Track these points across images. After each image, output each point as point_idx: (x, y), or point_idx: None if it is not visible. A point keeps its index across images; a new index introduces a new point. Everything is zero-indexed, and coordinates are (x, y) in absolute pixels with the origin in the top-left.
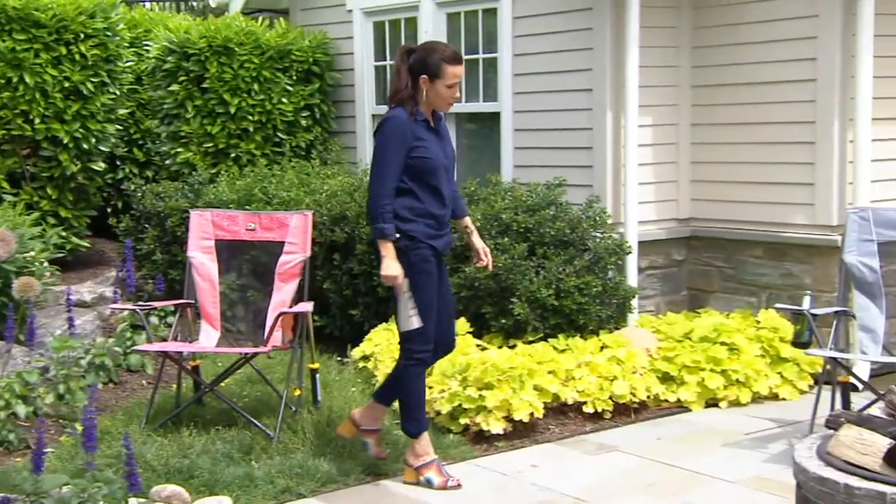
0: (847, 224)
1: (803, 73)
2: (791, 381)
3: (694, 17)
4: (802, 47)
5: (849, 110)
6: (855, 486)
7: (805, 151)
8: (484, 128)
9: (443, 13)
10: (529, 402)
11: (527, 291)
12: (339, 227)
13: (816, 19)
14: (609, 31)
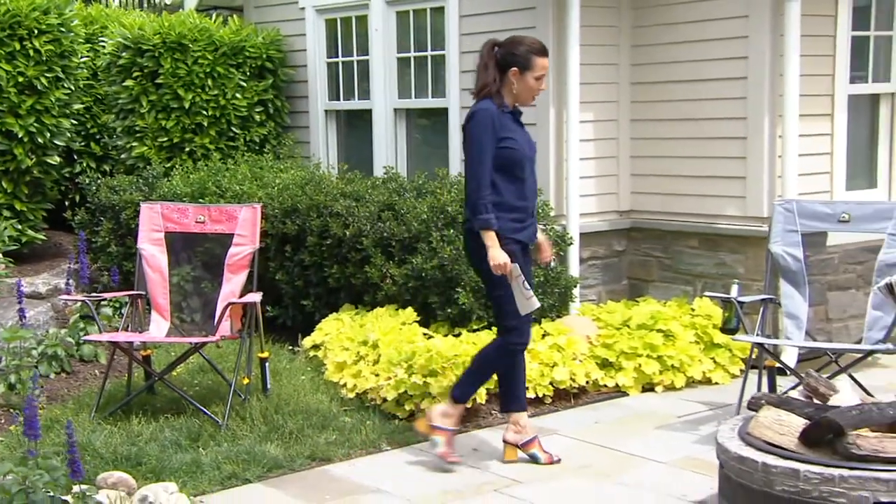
0: (773, 216)
1: (735, 71)
2: (723, 365)
3: (633, 17)
4: (734, 46)
5: (778, 107)
6: (772, 465)
7: (737, 146)
8: (434, 123)
9: (392, 11)
10: None
11: (471, 281)
12: (290, 219)
13: (747, 20)
14: (551, 30)
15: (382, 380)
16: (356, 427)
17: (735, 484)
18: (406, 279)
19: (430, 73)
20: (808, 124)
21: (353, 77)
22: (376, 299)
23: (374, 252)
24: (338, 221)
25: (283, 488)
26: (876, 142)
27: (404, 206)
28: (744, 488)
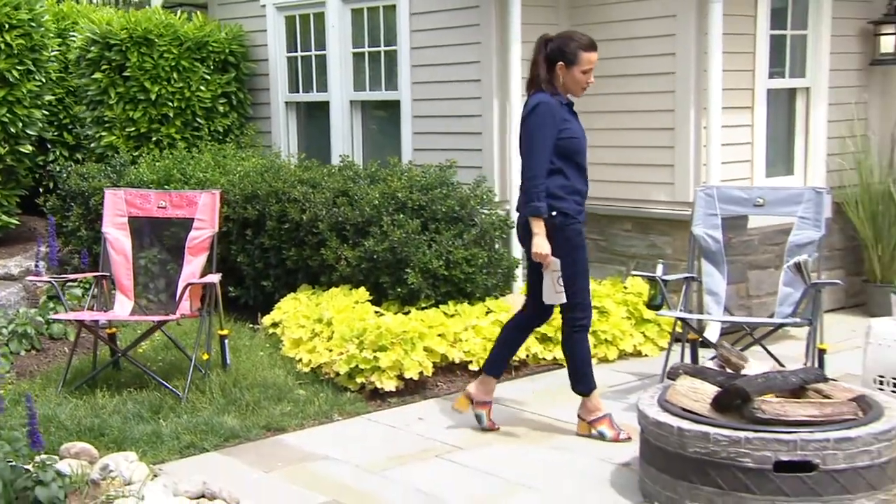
0: (695, 200)
1: (664, 66)
2: (652, 339)
3: (570, 16)
4: (663, 44)
5: (702, 100)
6: (686, 429)
7: (666, 136)
8: (387, 114)
9: (348, 9)
10: (419, 362)
11: (420, 263)
12: (251, 205)
13: (674, 19)
14: (494, 27)
15: (335, 355)
16: (310, 399)
17: (654, 447)
18: (359, 261)
19: (384, 67)
20: (731, 116)
21: (312, 71)
22: (332, 280)
23: (330, 235)
24: (295, 207)
25: (238, 456)
26: (793, 132)
27: (358, 192)
28: (661, 451)
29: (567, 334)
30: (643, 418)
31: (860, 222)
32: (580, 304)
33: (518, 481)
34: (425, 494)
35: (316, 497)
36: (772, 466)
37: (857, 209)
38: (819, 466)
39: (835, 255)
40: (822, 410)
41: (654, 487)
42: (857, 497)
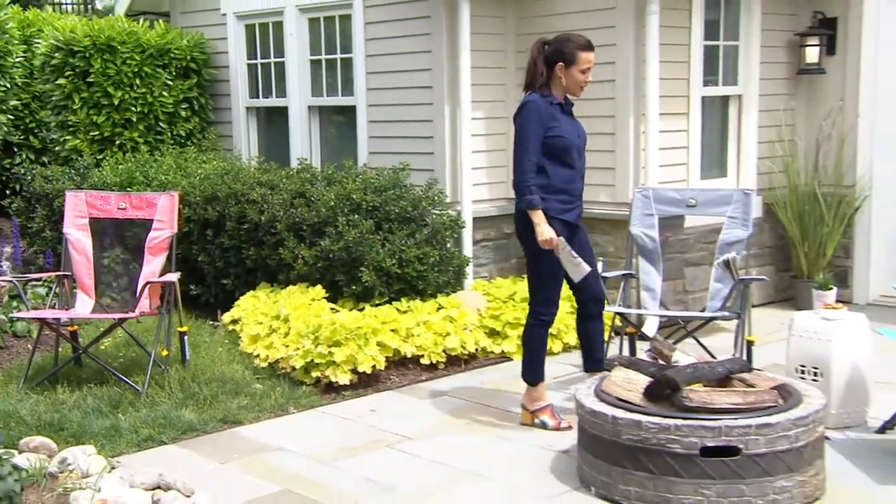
0: (633, 201)
1: (605, 74)
2: None
3: (517, 26)
4: (604, 53)
5: (641, 106)
6: (619, 417)
7: (607, 141)
8: (344, 119)
9: (305, 18)
10: (372, 356)
11: (374, 261)
12: (211, 206)
13: (614, 30)
14: (445, 37)
15: (292, 350)
16: (266, 393)
17: (590, 435)
18: (316, 260)
19: (340, 74)
20: (668, 122)
21: (271, 77)
22: (289, 278)
23: (287, 235)
24: (254, 208)
25: (195, 448)
26: (726, 137)
27: (314, 193)
28: (597, 438)
29: (528, 325)
30: (580, 408)
31: (788, 222)
32: (546, 300)
33: (464, 469)
34: (374, 483)
35: (269, 487)
36: (698, 451)
37: (786, 209)
38: (742, 451)
39: (765, 252)
40: (745, 398)
41: (591, 473)
42: (776, 479)
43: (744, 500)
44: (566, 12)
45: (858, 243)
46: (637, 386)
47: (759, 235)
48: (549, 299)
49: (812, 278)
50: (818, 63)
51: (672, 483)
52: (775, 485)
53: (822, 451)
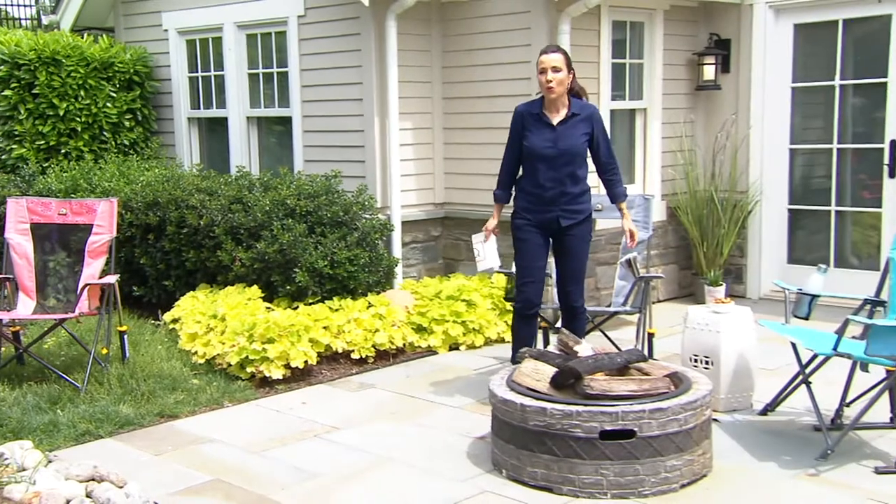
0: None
1: (522, 89)
2: None
3: (441, 43)
4: (521, 69)
5: None
6: (527, 405)
7: None
8: (281, 129)
9: (243, 34)
10: (305, 352)
11: (307, 263)
12: (152, 211)
13: (529, 48)
14: (374, 53)
15: (228, 347)
16: (203, 388)
17: (501, 422)
18: (252, 262)
19: (277, 86)
20: None
21: (212, 89)
22: (228, 279)
23: (225, 239)
24: (193, 213)
25: (131, 442)
26: (633, 147)
27: (251, 199)
28: (508, 425)
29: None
30: (493, 397)
31: (689, 224)
32: (518, 290)
33: (386, 455)
34: (301, 471)
35: (200, 476)
36: (598, 435)
37: (687, 213)
38: (637, 434)
39: (669, 252)
40: (641, 386)
41: (502, 457)
42: (668, 458)
43: (638, 479)
44: (485, 31)
45: (751, 243)
46: (544, 376)
47: (664, 237)
48: (520, 290)
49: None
50: (714, 80)
51: (574, 464)
52: (666, 464)
53: (709, 432)
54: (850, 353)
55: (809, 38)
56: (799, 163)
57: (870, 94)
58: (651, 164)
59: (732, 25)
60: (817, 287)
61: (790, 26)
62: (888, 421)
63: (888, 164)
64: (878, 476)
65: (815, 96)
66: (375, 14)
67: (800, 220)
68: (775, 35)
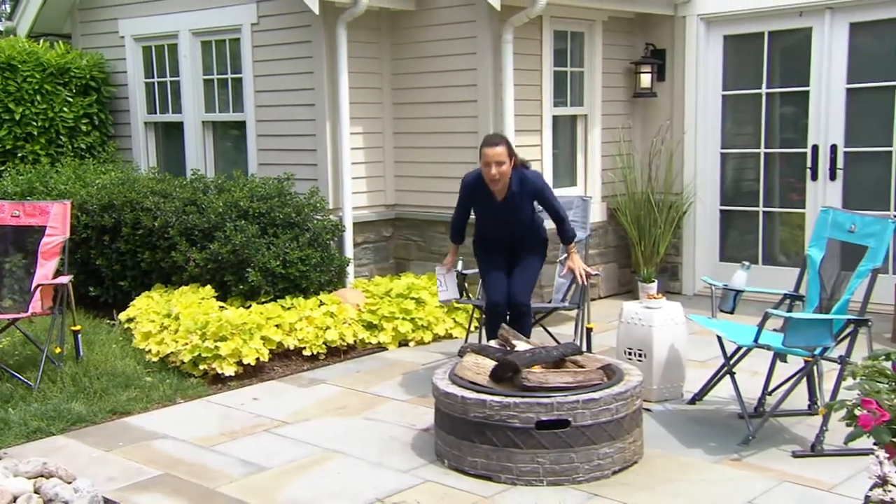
0: None
1: (468, 95)
2: (462, 324)
3: (391, 51)
4: (467, 76)
5: (500, 123)
6: (468, 397)
7: (471, 154)
8: (236, 134)
9: (198, 41)
10: (256, 349)
11: (260, 263)
12: (108, 213)
13: (475, 56)
14: (325, 60)
15: (181, 345)
16: (156, 385)
17: (443, 414)
18: (206, 262)
19: (231, 91)
20: (523, 138)
21: (167, 94)
22: (182, 279)
23: (180, 240)
24: (148, 215)
25: (82, 438)
26: (575, 151)
27: (205, 201)
28: (449, 416)
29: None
30: (436, 390)
31: (628, 224)
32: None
33: (333, 448)
34: (250, 464)
35: (150, 471)
36: (534, 425)
37: (626, 214)
38: (571, 423)
39: (610, 251)
40: (575, 378)
41: (445, 448)
42: (600, 446)
43: (573, 466)
44: (434, 39)
45: (686, 242)
46: (484, 369)
47: (604, 237)
48: (488, 294)
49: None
50: (650, 88)
51: (512, 454)
52: (599, 451)
53: (639, 420)
54: (770, 345)
55: (738, 49)
56: (730, 166)
57: (794, 101)
58: (592, 167)
59: (667, 36)
60: (741, 283)
61: (720, 37)
62: (806, 408)
63: (811, 167)
64: (796, 459)
65: (744, 104)
66: (326, 22)
67: (731, 220)
68: (707, 46)
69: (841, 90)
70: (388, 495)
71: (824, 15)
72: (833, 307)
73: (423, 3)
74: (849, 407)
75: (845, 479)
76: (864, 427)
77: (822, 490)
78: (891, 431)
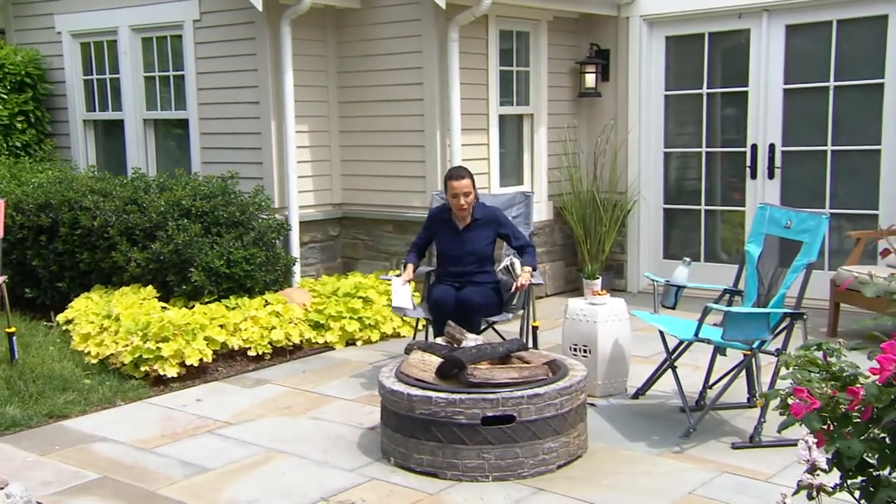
0: (432, 202)
1: (414, 93)
2: (409, 322)
3: (337, 49)
4: (413, 74)
5: (446, 122)
6: (413, 394)
7: (418, 153)
8: (178, 132)
9: (138, 37)
10: (200, 349)
11: (203, 262)
12: (44, 213)
13: (421, 54)
14: (269, 57)
15: (122, 346)
16: (95, 388)
17: (389, 411)
18: (147, 262)
19: (173, 89)
20: (470, 136)
21: (107, 92)
22: (123, 280)
23: (120, 240)
24: (87, 214)
25: (16, 443)
26: (521, 150)
27: (146, 200)
28: (395, 414)
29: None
30: (382, 388)
31: (574, 223)
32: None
33: (278, 448)
34: (191, 465)
35: (88, 475)
36: (480, 421)
37: (572, 213)
38: (516, 419)
39: (556, 249)
40: (521, 373)
41: (391, 445)
42: (545, 441)
43: (518, 462)
44: (379, 38)
45: (630, 240)
46: (431, 367)
47: (551, 235)
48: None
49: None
50: (595, 87)
51: (458, 450)
52: (544, 446)
53: (584, 415)
54: (710, 339)
55: (680, 50)
56: (673, 165)
57: (734, 101)
58: (538, 166)
59: (611, 37)
60: (682, 279)
61: (663, 38)
62: (746, 401)
63: (750, 166)
64: (735, 451)
65: (686, 104)
66: (270, 20)
67: (674, 218)
68: (649, 46)
69: (778, 91)
70: (332, 494)
71: (762, 17)
72: (770, 301)
73: (368, 2)
74: (782, 396)
75: (782, 468)
76: (796, 415)
77: (759, 480)
78: (821, 419)
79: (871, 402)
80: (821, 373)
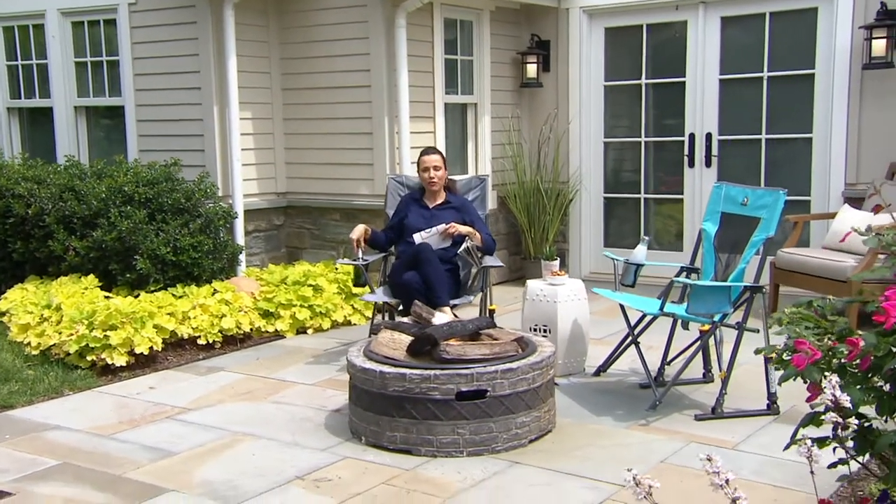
0: (387, 187)
1: (361, 80)
2: (360, 310)
3: (280, 36)
4: (359, 61)
5: (394, 110)
6: (386, 372)
7: (366, 140)
8: (113, 119)
9: (68, 22)
10: (149, 338)
11: (148, 250)
12: None
13: (367, 40)
14: (211, 42)
15: (65, 336)
16: (40, 378)
17: (360, 390)
18: (88, 251)
19: (107, 75)
20: (417, 124)
21: (34, 78)
22: (60, 270)
23: (57, 228)
24: (20, 202)
25: None
26: (466, 139)
27: (84, 187)
28: (367, 392)
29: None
30: (352, 367)
31: (518, 212)
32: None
33: (243, 431)
34: (155, 450)
35: (46, 462)
36: (454, 396)
37: (516, 201)
38: (490, 393)
39: (500, 238)
40: (492, 349)
41: (361, 425)
42: (518, 415)
43: (492, 436)
44: (323, 24)
45: (573, 229)
46: (401, 345)
47: (495, 224)
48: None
49: (538, 259)
50: (536, 78)
51: (433, 426)
52: (517, 420)
53: (553, 390)
54: (674, 313)
55: (619, 41)
56: (612, 155)
57: (671, 92)
58: (482, 155)
59: (551, 27)
60: (641, 257)
61: (602, 29)
62: (701, 377)
63: (688, 155)
64: (699, 422)
65: (625, 94)
66: (212, 3)
67: (614, 207)
68: (589, 37)
69: (714, 81)
70: (307, 473)
71: (698, 9)
72: (729, 276)
73: None
74: (778, 352)
75: (745, 437)
76: (798, 366)
77: (726, 448)
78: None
79: (870, 352)
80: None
